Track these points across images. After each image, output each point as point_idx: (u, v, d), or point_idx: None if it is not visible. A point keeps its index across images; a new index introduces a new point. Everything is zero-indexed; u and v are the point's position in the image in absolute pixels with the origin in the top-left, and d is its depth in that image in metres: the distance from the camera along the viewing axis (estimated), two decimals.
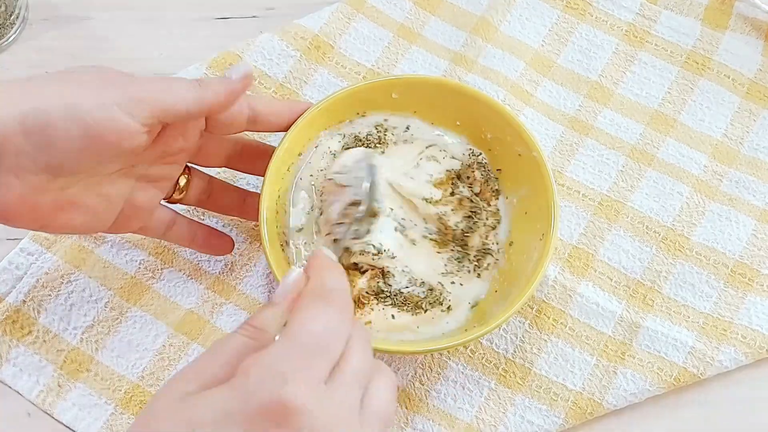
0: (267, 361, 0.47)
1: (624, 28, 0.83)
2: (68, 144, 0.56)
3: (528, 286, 0.66)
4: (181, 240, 0.71)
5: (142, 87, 0.58)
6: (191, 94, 0.59)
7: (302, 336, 0.48)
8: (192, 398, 0.46)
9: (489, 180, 0.73)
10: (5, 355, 0.71)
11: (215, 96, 0.60)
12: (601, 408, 0.70)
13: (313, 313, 0.49)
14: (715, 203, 0.77)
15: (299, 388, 0.46)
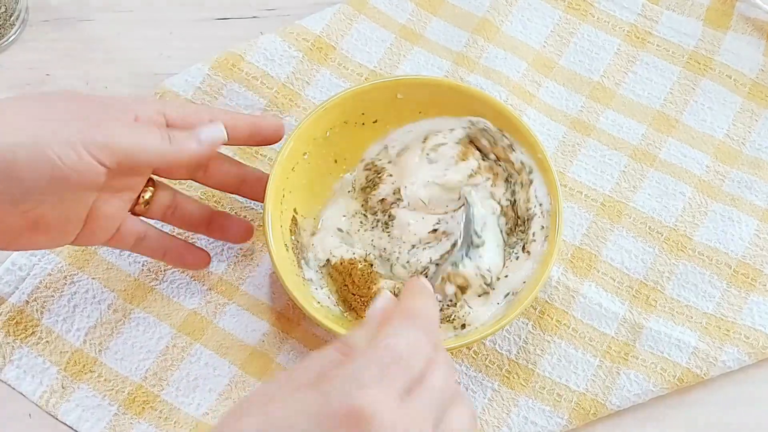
0: (348, 368, 0.48)
1: (626, 28, 0.83)
2: (33, 180, 0.57)
3: (532, 288, 0.66)
4: (153, 253, 0.70)
5: (111, 131, 0.59)
6: (158, 149, 0.61)
7: (385, 349, 0.49)
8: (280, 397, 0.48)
9: (497, 139, 0.73)
10: (8, 356, 0.71)
11: (180, 156, 0.62)
12: (605, 409, 0.70)
13: (398, 330, 0.50)
14: (717, 203, 0.77)
15: (375, 395, 0.46)
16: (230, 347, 0.71)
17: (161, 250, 0.70)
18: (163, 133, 0.61)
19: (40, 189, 0.58)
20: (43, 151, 0.56)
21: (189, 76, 0.80)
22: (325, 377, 0.48)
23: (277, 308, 0.73)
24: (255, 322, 0.72)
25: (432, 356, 0.50)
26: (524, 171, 0.72)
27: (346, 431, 0.45)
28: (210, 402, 0.70)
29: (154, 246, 0.70)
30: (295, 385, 0.48)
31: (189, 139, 0.62)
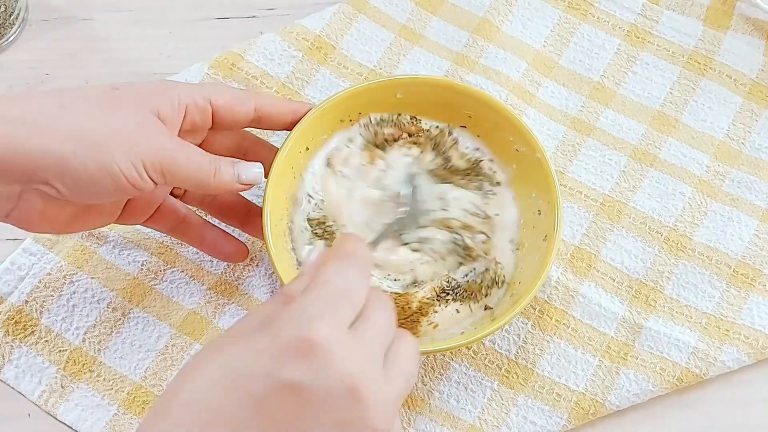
0: (293, 308, 0.50)
1: (626, 28, 0.83)
2: (95, 190, 0.59)
3: (531, 288, 0.66)
4: (190, 239, 0.71)
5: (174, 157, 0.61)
6: (204, 180, 0.63)
7: (325, 286, 0.51)
8: (222, 350, 0.49)
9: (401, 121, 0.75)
10: (7, 355, 0.71)
11: (218, 189, 0.64)
12: (604, 409, 0.70)
13: (335, 268, 0.52)
14: (717, 203, 0.77)
15: (324, 327, 0.48)
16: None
17: (198, 237, 0.71)
18: (211, 167, 0.63)
19: (97, 195, 0.60)
20: (110, 166, 0.58)
21: (189, 76, 0.80)
22: (271, 319, 0.50)
23: None
24: None
25: (370, 294, 0.53)
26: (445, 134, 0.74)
27: (300, 361, 0.47)
28: None
29: (191, 232, 0.71)
30: (244, 333, 0.50)
31: (230, 174, 0.64)
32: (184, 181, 0.62)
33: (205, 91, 0.65)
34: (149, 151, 0.60)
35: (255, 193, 0.75)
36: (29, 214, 0.61)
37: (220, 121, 0.66)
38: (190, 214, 0.71)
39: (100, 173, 0.58)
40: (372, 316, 0.52)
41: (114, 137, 0.59)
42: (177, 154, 0.61)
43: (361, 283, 0.53)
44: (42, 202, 0.60)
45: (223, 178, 0.64)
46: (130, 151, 0.59)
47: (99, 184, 0.59)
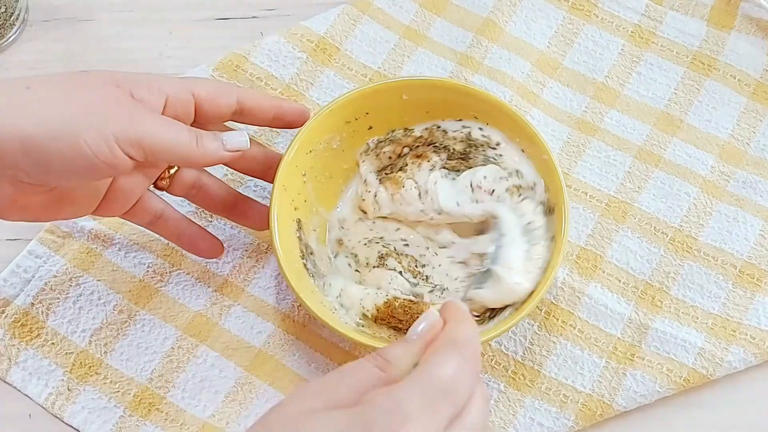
0: (394, 396, 0.47)
1: (629, 29, 0.83)
2: (64, 170, 0.57)
3: (538, 289, 0.66)
4: (168, 234, 0.71)
5: (144, 128, 0.59)
6: (185, 150, 0.60)
7: (432, 379, 0.48)
8: (315, 415, 0.46)
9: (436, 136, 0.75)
10: (14, 358, 0.71)
11: (203, 158, 0.62)
12: (611, 410, 0.70)
13: (446, 359, 0.49)
14: (722, 204, 0.77)
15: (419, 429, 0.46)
16: (236, 349, 0.71)
17: (176, 232, 0.70)
18: (191, 135, 0.61)
19: (68, 175, 0.58)
20: (76, 142, 0.56)
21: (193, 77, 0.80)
22: (365, 400, 0.47)
23: (283, 310, 0.73)
24: (261, 324, 0.72)
25: (474, 388, 0.50)
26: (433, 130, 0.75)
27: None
28: (216, 404, 0.70)
29: (170, 226, 0.70)
30: (332, 403, 0.47)
31: (214, 142, 0.62)
32: (165, 153, 0.60)
33: (187, 83, 0.64)
34: (120, 124, 0.58)
35: (258, 193, 0.75)
36: (0, 201, 0.60)
37: (203, 113, 0.65)
38: (168, 209, 0.70)
39: (67, 151, 0.56)
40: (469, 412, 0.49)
41: (81, 113, 0.57)
42: (152, 126, 0.59)
43: (468, 379, 0.49)
44: (12, 188, 0.59)
45: (208, 147, 0.62)
46: (99, 126, 0.57)
47: (67, 163, 0.57)
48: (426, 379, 0.48)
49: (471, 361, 0.50)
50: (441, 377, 0.48)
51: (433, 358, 0.49)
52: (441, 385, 0.48)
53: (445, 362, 0.49)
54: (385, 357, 0.50)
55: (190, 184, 0.70)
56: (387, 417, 0.45)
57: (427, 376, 0.48)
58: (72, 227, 0.74)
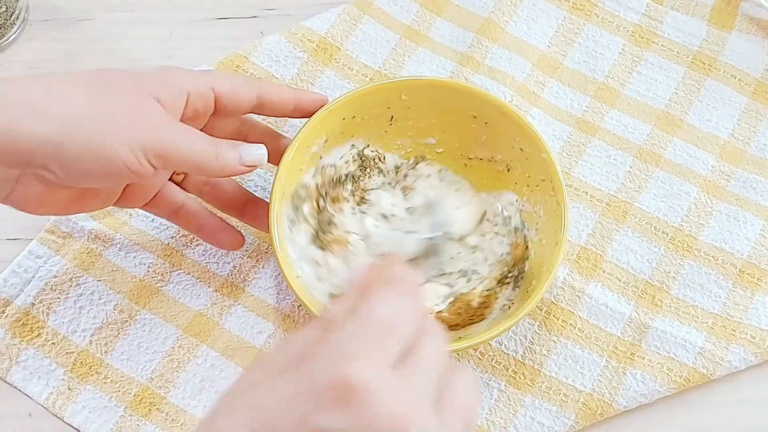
0: (333, 342, 0.45)
1: (630, 29, 0.83)
2: (91, 174, 0.59)
3: (538, 289, 0.66)
4: (188, 225, 0.71)
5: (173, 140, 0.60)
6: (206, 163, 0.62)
7: (370, 318, 0.45)
8: (256, 388, 0.45)
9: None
10: (15, 358, 0.71)
11: (221, 171, 0.63)
12: (612, 409, 0.70)
13: (383, 297, 0.47)
14: (722, 203, 0.77)
15: (364, 365, 0.43)
16: (236, 349, 0.71)
17: (197, 224, 0.71)
18: (213, 148, 0.62)
19: (95, 179, 0.60)
20: (106, 151, 0.58)
21: None
22: (308, 355, 0.45)
23: (283, 310, 0.73)
24: (261, 324, 0.72)
25: (421, 324, 0.47)
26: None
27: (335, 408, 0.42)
28: None
29: (190, 218, 0.70)
30: (278, 369, 0.45)
31: (233, 157, 0.63)
32: (184, 164, 0.62)
33: (208, 79, 0.65)
34: (146, 135, 0.59)
35: (259, 194, 0.75)
36: (27, 197, 0.61)
37: (222, 108, 0.66)
38: (189, 201, 0.70)
39: (94, 158, 0.58)
40: (421, 351, 0.46)
41: (110, 122, 0.59)
42: (176, 137, 0.61)
43: (412, 313, 0.47)
44: (39, 186, 0.60)
45: (226, 161, 0.63)
46: (126, 136, 0.58)
47: (94, 169, 0.58)
48: (364, 319, 0.46)
49: (410, 295, 0.48)
50: (378, 314, 0.46)
51: (367, 299, 0.47)
52: (381, 321, 0.45)
53: (380, 299, 0.47)
54: (325, 317, 0.48)
55: (203, 181, 0.71)
56: (328, 361, 0.44)
57: (365, 315, 0.46)
58: (72, 227, 0.74)
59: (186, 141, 0.61)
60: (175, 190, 0.70)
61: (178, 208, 0.70)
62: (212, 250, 0.74)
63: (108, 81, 0.61)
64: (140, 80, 0.62)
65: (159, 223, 0.75)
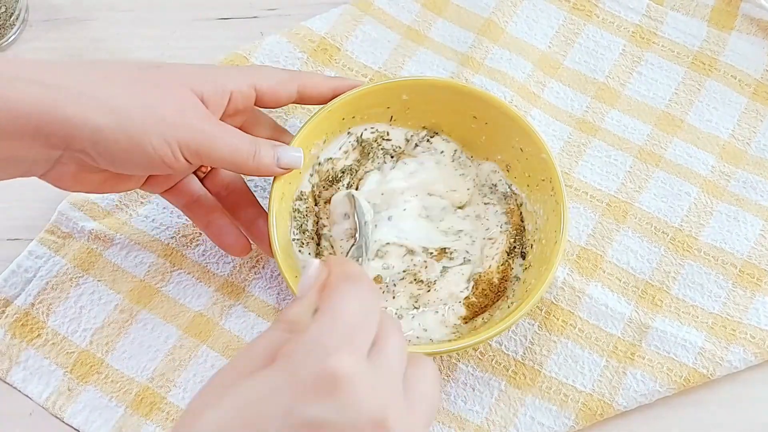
0: (308, 340, 0.46)
1: (630, 29, 0.83)
2: (128, 161, 0.61)
3: (537, 288, 0.66)
4: (199, 220, 0.71)
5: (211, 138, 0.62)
6: (242, 162, 0.64)
7: (337, 315, 0.47)
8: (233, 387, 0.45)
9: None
10: (15, 358, 0.71)
11: (257, 168, 0.65)
12: (611, 409, 0.70)
13: (344, 292, 0.48)
14: (722, 203, 0.77)
15: (345, 358, 0.45)
16: (236, 349, 0.71)
17: (206, 220, 0.71)
18: (251, 148, 0.64)
19: (130, 167, 0.62)
20: (143, 143, 0.60)
21: None
22: (281, 355, 0.46)
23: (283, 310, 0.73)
24: (261, 324, 0.72)
25: (381, 318, 0.49)
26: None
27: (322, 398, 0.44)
28: None
29: (202, 213, 0.71)
30: (252, 368, 0.46)
31: (270, 157, 0.65)
32: (220, 162, 0.63)
33: (250, 77, 0.66)
34: (186, 132, 0.61)
35: (258, 194, 0.75)
36: (64, 175, 0.62)
37: (263, 103, 0.68)
38: (205, 196, 0.71)
39: (131, 148, 0.60)
40: (387, 343, 0.48)
41: (150, 114, 0.60)
42: (215, 136, 0.62)
43: (373, 308, 0.49)
44: (77, 166, 0.62)
45: (263, 160, 0.64)
46: (166, 131, 0.60)
47: (130, 158, 0.60)
48: (331, 316, 0.47)
49: (368, 289, 0.49)
50: (344, 309, 0.47)
51: (330, 296, 0.48)
52: (349, 318, 0.47)
53: (342, 295, 0.48)
54: (286, 319, 0.49)
55: (224, 184, 0.71)
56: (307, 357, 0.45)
57: (332, 313, 0.47)
58: (72, 228, 0.74)
59: (223, 140, 0.62)
60: (195, 183, 0.71)
61: (194, 200, 0.70)
62: (212, 250, 0.74)
63: (153, 74, 0.62)
64: (186, 76, 0.63)
65: (159, 223, 0.75)
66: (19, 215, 0.75)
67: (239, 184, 0.72)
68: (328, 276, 0.51)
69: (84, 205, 0.75)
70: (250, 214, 0.71)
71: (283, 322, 0.48)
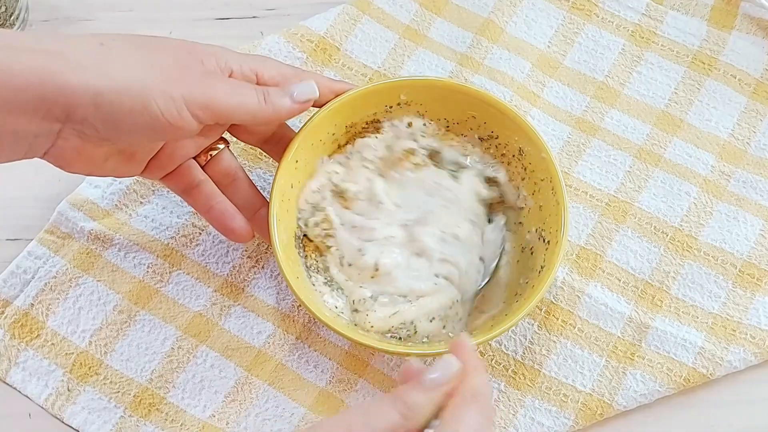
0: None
1: (630, 28, 0.83)
2: (132, 127, 0.60)
3: (538, 289, 0.66)
4: (200, 206, 0.70)
5: (213, 91, 0.61)
6: (255, 108, 0.63)
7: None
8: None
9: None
10: (14, 359, 0.71)
11: (274, 113, 0.64)
12: (611, 409, 0.70)
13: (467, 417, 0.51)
14: (722, 203, 0.77)
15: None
16: (236, 349, 0.71)
17: (207, 205, 0.70)
18: (259, 93, 0.63)
19: (135, 134, 0.60)
20: (146, 102, 0.59)
21: None
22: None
23: (283, 310, 0.73)
24: (260, 324, 0.72)
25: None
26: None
27: None
28: (216, 404, 0.70)
29: (202, 198, 0.70)
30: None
31: (283, 97, 0.64)
32: (234, 114, 0.62)
33: (252, 62, 0.66)
34: (189, 86, 0.60)
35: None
36: (65, 152, 0.61)
37: None
38: (206, 181, 0.70)
39: (136, 110, 0.58)
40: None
41: (152, 75, 0.59)
42: (220, 88, 0.61)
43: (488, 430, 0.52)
44: (79, 141, 0.60)
45: (277, 101, 0.64)
46: (169, 87, 0.59)
47: (136, 121, 0.59)
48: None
49: (488, 416, 0.52)
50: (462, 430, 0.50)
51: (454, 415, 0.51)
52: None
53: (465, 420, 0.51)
54: (407, 403, 0.51)
55: (224, 172, 0.70)
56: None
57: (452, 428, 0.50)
58: (72, 228, 0.74)
59: (231, 91, 0.62)
60: (196, 168, 0.70)
61: (194, 185, 0.69)
62: (212, 249, 0.74)
63: (154, 42, 0.62)
64: (187, 46, 0.63)
65: (158, 223, 0.74)
66: (18, 215, 0.75)
67: (240, 173, 0.71)
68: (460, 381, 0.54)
69: (83, 206, 0.75)
70: (252, 202, 0.71)
71: (402, 404, 0.52)
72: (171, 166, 0.68)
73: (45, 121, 0.58)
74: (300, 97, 0.65)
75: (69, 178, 0.69)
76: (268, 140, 0.71)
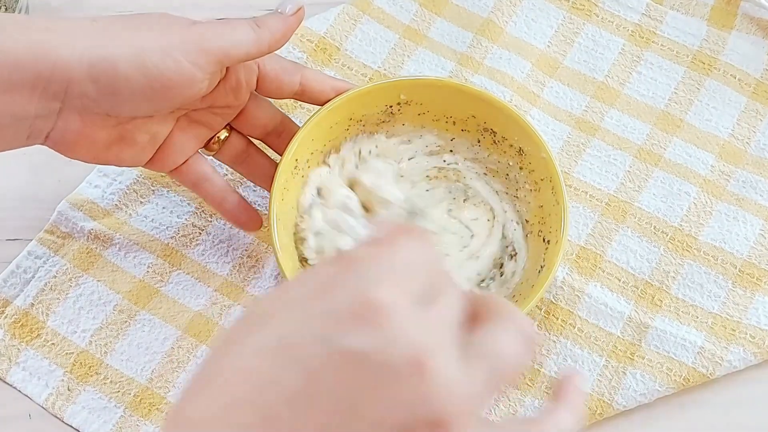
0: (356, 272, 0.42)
1: (630, 28, 0.83)
2: (132, 92, 0.59)
3: (537, 289, 0.66)
4: (211, 199, 0.70)
5: (203, 33, 0.61)
6: (250, 37, 0.62)
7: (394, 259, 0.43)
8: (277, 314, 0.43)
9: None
10: (14, 359, 0.71)
11: (273, 36, 0.63)
12: (611, 409, 0.70)
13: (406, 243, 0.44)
14: (722, 203, 0.77)
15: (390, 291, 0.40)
16: None
17: (218, 198, 0.70)
18: (250, 22, 0.63)
19: (135, 100, 0.60)
20: (141, 62, 0.58)
21: None
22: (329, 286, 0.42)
23: None
24: None
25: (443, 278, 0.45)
26: None
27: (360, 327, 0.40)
28: None
29: (214, 191, 0.70)
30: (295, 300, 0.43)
31: (274, 18, 0.64)
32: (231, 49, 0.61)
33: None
34: (181, 35, 0.60)
35: (259, 193, 0.75)
36: (67, 135, 0.61)
37: (265, 88, 0.67)
38: (215, 175, 0.70)
39: (132, 71, 0.58)
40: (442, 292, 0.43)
41: (142, 36, 0.59)
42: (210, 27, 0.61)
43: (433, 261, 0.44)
44: (80, 122, 0.60)
45: (270, 22, 0.63)
46: (160, 41, 0.59)
47: (134, 85, 0.59)
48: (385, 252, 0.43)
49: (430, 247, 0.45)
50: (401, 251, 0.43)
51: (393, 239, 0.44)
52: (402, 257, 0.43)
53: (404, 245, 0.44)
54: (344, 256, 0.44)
55: (237, 152, 0.71)
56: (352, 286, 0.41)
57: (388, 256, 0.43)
58: (72, 228, 0.74)
59: (221, 27, 0.62)
60: (204, 162, 0.70)
61: (204, 179, 0.70)
62: (212, 249, 0.74)
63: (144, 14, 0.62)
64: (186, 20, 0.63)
65: (158, 223, 0.75)
66: (18, 215, 0.75)
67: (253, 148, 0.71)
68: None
69: (83, 205, 0.75)
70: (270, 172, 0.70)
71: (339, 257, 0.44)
72: (179, 159, 0.68)
73: (43, 100, 0.58)
74: (291, 10, 0.64)
75: (69, 178, 0.69)
76: (271, 133, 0.71)
